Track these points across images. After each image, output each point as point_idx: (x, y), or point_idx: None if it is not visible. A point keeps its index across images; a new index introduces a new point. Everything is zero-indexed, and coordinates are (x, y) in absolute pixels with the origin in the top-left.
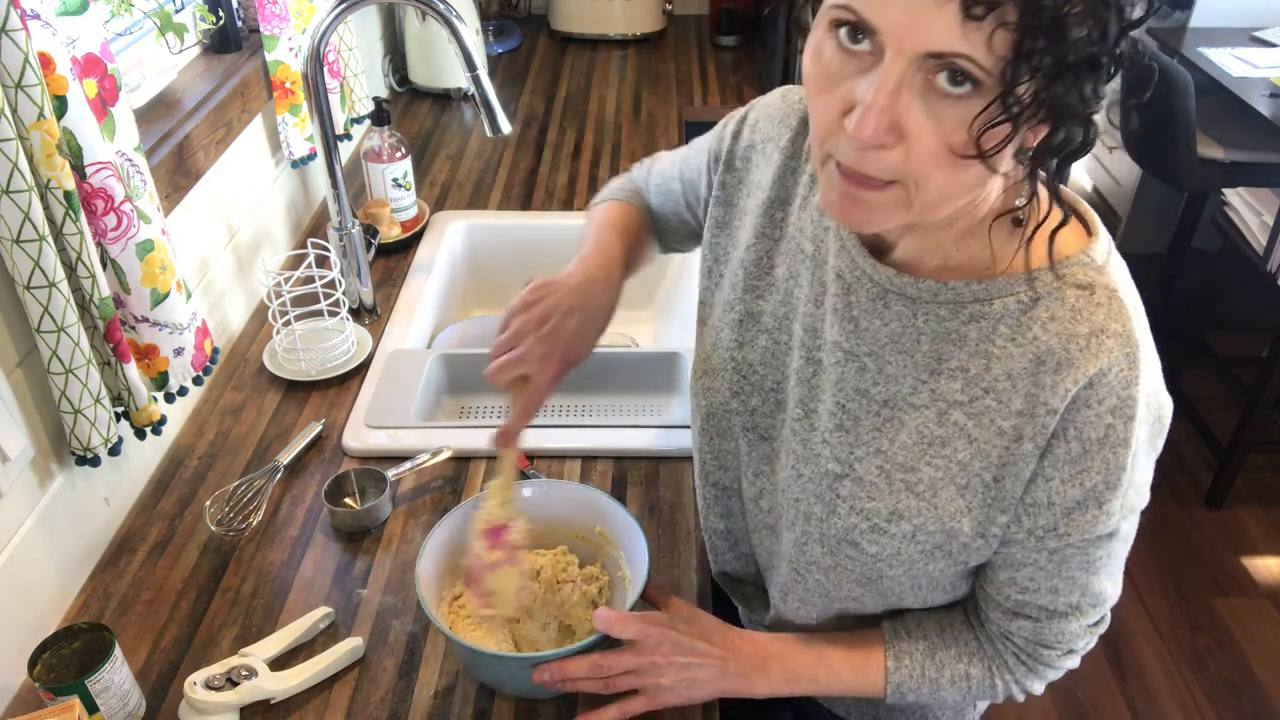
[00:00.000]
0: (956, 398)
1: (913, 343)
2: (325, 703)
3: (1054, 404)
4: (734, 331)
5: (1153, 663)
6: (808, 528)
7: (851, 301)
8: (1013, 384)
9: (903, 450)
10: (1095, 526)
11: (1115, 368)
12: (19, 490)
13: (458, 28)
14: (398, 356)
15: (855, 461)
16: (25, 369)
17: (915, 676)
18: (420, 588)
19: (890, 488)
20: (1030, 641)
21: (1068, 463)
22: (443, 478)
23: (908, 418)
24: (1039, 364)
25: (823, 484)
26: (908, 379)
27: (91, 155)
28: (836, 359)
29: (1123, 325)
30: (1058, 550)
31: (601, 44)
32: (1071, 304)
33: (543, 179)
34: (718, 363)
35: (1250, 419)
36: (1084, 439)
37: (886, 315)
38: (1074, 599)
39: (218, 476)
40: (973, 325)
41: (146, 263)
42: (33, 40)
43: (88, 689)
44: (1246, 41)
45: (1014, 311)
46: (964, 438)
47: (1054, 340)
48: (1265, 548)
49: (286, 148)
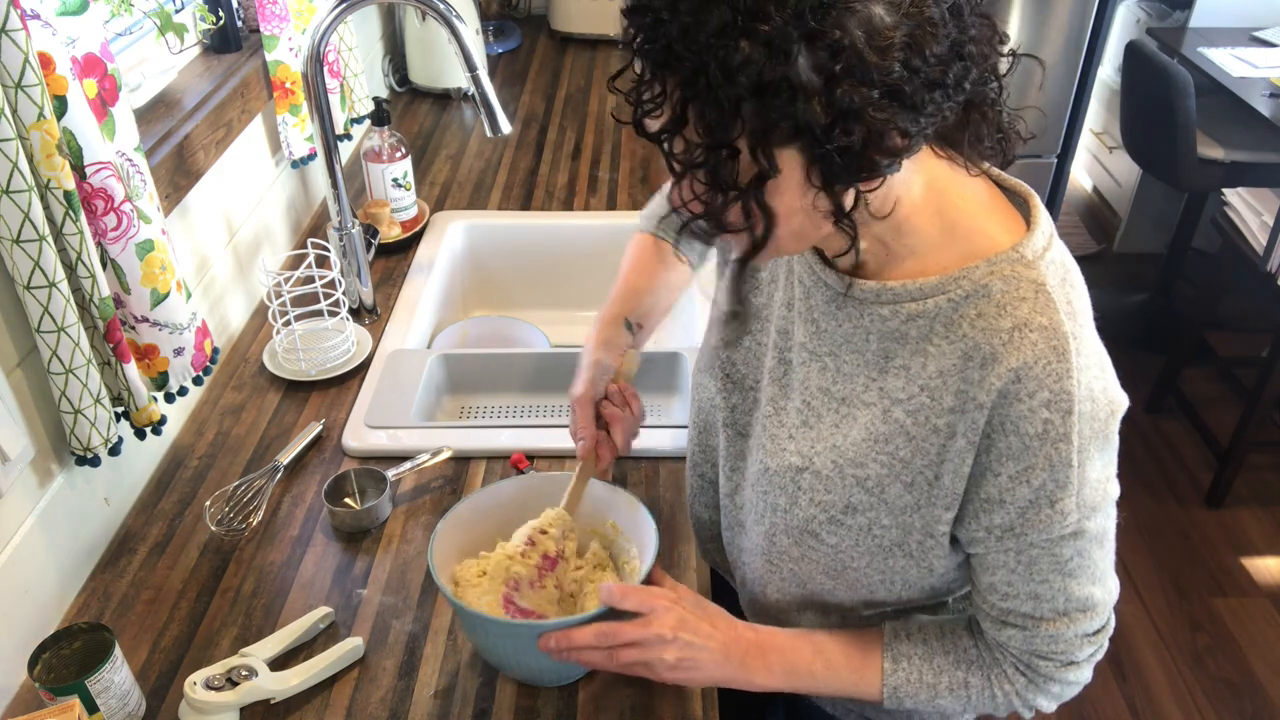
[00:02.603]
0: (898, 395)
1: (863, 342)
2: (325, 703)
3: (981, 398)
4: (723, 329)
5: (1153, 663)
6: (774, 519)
7: (812, 304)
8: (944, 381)
9: (853, 446)
10: (1053, 526)
11: (1041, 360)
12: (19, 490)
13: (458, 28)
14: (398, 356)
15: (815, 455)
16: (25, 369)
17: (913, 681)
18: (433, 558)
19: (843, 482)
20: (1025, 651)
21: (1010, 459)
22: (443, 478)
23: (859, 414)
24: (967, 360)
25: (786, 476)
26: (860, 377)
27: (91, 155)
28: (803, 359)
29: (1049, 319)
30: (1022, 551)
31: (601, 44)
32: (997, 300)
33: (543, 179)
34: (708, 360)
35: (1250, 419)
36: (1021, 434)
37: (840, 317)
38: (1059, 605)
39: (218, 476)
40: (911, 324)
41: (146, 263)
42: (33, 40)
43: (88, 689)
44: (1246, 41)
45: (946, 310)
46: (903, 435)
47: (979, 336)
48: (1265, 548)
49: (286, 148)
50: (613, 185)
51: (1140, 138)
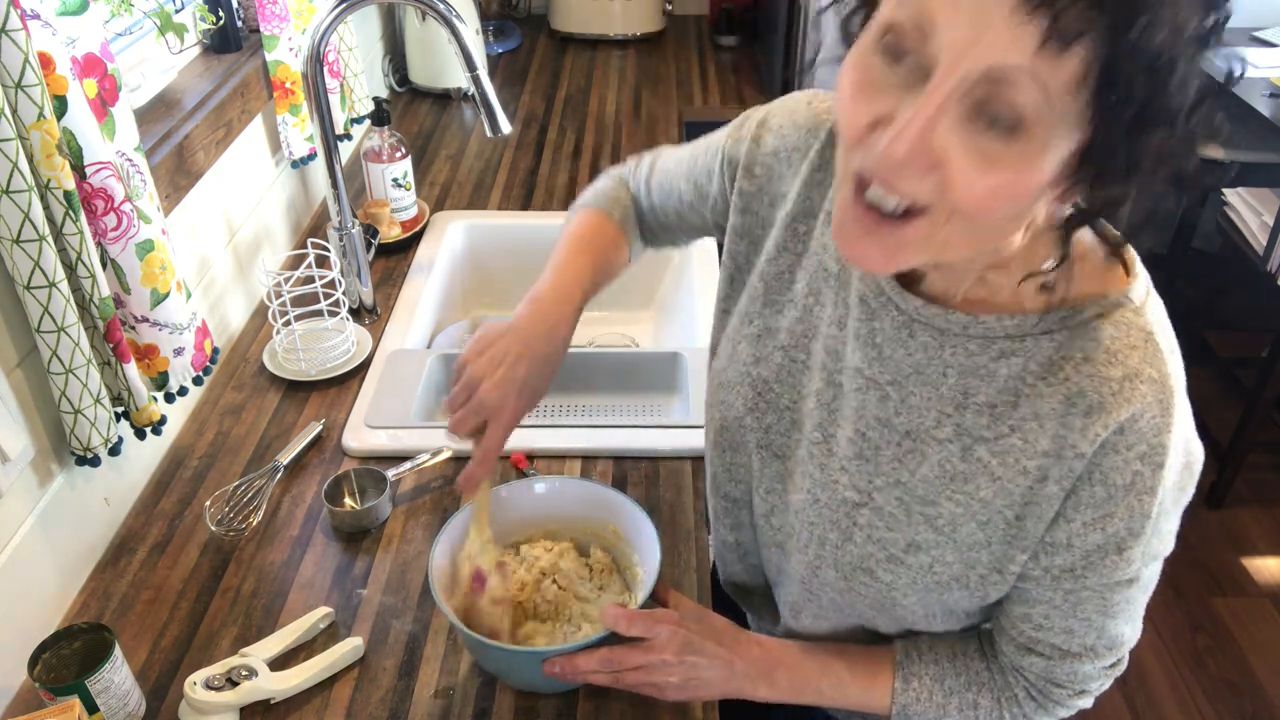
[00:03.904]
0: (982, 434)
1: (938, 375)
2: (325, 703)
3: (1083, 448)
4: (751, 346)
5: (1153, 662)
6: (821, 552)
7: (875, 328)
8: (1040, 424)
9: (923, 483)
10: (1115, 572)
11: (1147, 414)
12: (19, 490)
13: (458, 28)
14: (398, 356)
15: (874, 491)
16: (25, 369)
17: (922, 700)
18: (433, 578)
19: (909, 520)
20: (1041, 679)
21: (1091, 506)
22: (443, 478)
23: (930, 450)
24: (1069, 405)
25: (840, 511)
26: (931, 411)
27: (91, 155)
28: (858, 385)
29: (1157, 370)
30: (1073, 591)
31: (601, 44)
32: (1106, 345)
33: (543, 179)
34: (734, 376)
35: (1250, 419)
36: (1109, 484)
37: (911, 345)
38: (1089, 641)
39: (218, 476)
40: (1003, 362)
41: (146, 263)
42: (33, 40)
43: (88, 689)
44: (1246, 41)
45: (1046, 350)
46: (987, 475)
47: (1086, 383)
48: (1265, 548)
49: (286, 148)
50: None
51: None
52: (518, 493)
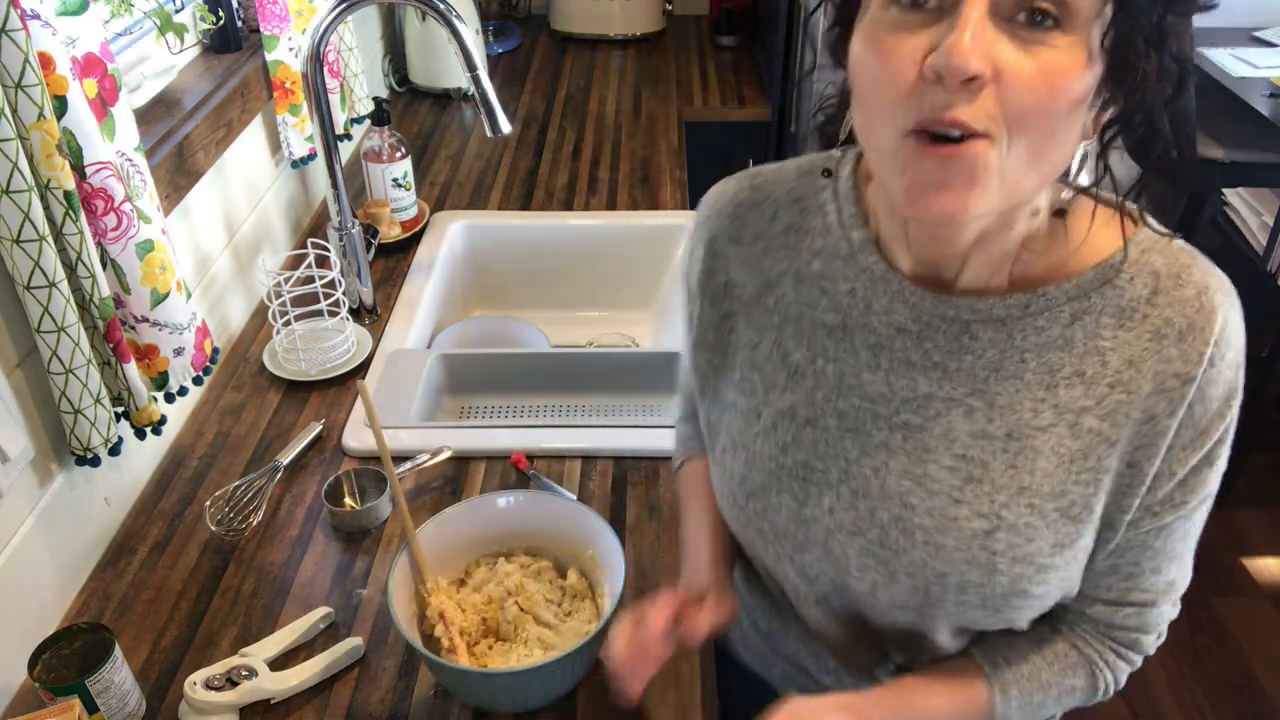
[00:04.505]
0: (1083, 404)
1: (1017, 364)
2: (325, 703)
3: (1190, 371)
4: (770, 438)
5: (1153, 662)
6: (964, 597)
7: (929, 349)
8: (1137, 370)
9: (1046, 479)
10: (1205, 488)
11: (1231, 316)
12: (19, 490)
13: (458, 28)
14: (398, 356)
15: (1001, 509)
16: (25, 369)
17: (1023, 703)
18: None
19: (1046, 521)
20: (1133, 631)
21: (1191, 427)
22: (443, 478)
23: (1039, 441)
24: (1160, 339)
25: (974, 545)
26: (1025, 403)
27: (91, 155)
28: (934, 412)
29: (1217, 276)
30: (1166, 525)
31: (601, 44)
32: (1165, 271)
33: (543, 179)
34: (765, 479)
35: (1250, 419)
36: (1207, 399)
37: (977, 347)
38: (1171, 575)
39: (218, 476)
40: (1077, 326)
41: (146, 263)
42: (33, 40)
43: (88, 689)
44: (1246, 41)
45: (1112, 299)
46: (1104, 442)
47: (1167, 310)
48: (1265, 548)
49: (286, 148)
50: (613, 185)
51: None
52: (498, 505)
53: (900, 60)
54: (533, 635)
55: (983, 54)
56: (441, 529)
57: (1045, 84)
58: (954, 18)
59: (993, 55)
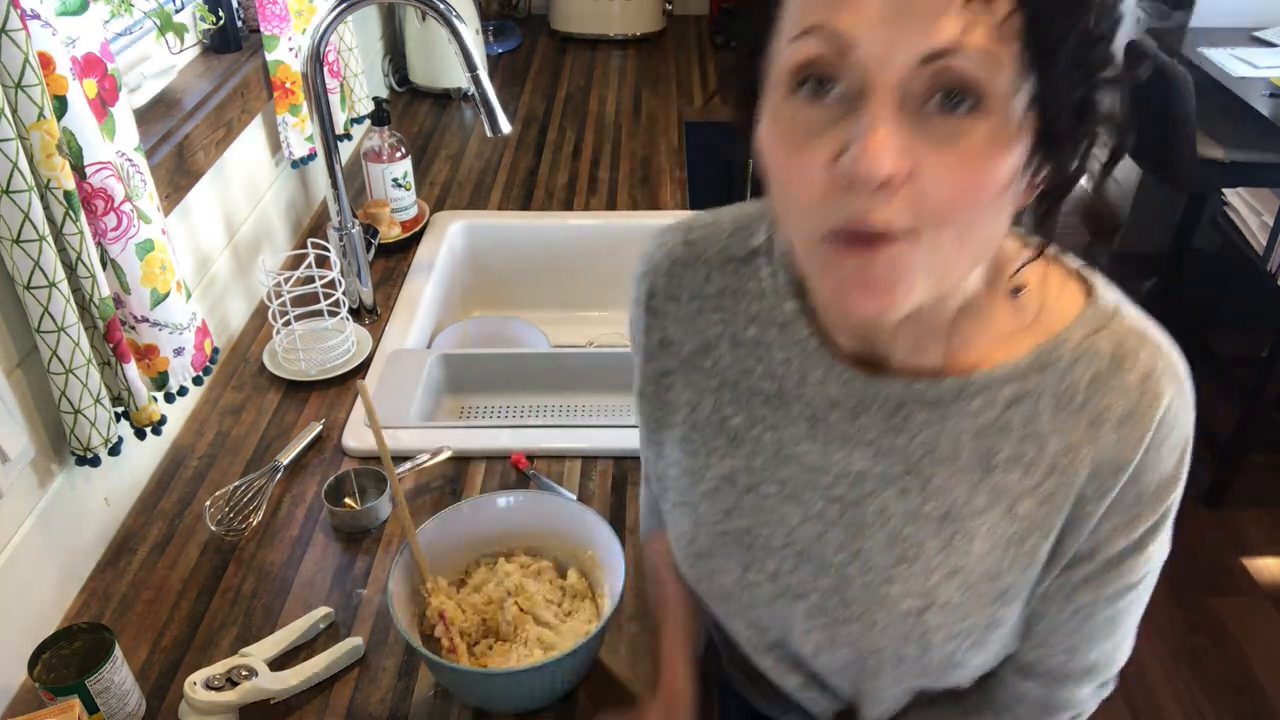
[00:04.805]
0: (1021, 488)
1: (953, 447)
2: (325, 703)
3: (1126, 457)
4: (714, 501)
5: (1153, 662)
6: (900, 669)
7: (863, 425)
8: (1075, 455)
9: (980, 561)
10: (1132, 574)
11: (1174, 404)
12: (19, 490)
13: (458, 28)
14: (398, 356)
15: (933, 589)
16: (25, 369)
17: None
18: (396, 612)
19: (981, 602)
20: (1037, 707)
21: (1121, 511)
22: (443, 478)
23: (974, 525)
24: (1098, 426)
25: (906, 623)
26: (960, 486)
27: (91, 155)
28: (868, 490)
29: (1166, 360)
30: (1085, 605)
31: (601, 44)
32: (1109, 355)
33: (543, 179)
34: (709, 543)
35: (1250, 419)
36: (1142, 484)
37: (911, 428)
38: (1091, 657)
39: (218, 476)
40: (1013, 410)
41: (146, 263)
42: (33, 40)
43: (88, 689)
44: (1246, 41)
45: (1051, 383)
46: (1039, 529)
47: (1108, 397)
48: (1265, 548)
49: (286, 148)
50: (613, 185)
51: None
52: (498, 505)
53: (809, 165)
54: (533, 635)
55: (896, 154)
56: (441, 529)
57: (967, 176)
58: (861, 112)
59: (907, 153)
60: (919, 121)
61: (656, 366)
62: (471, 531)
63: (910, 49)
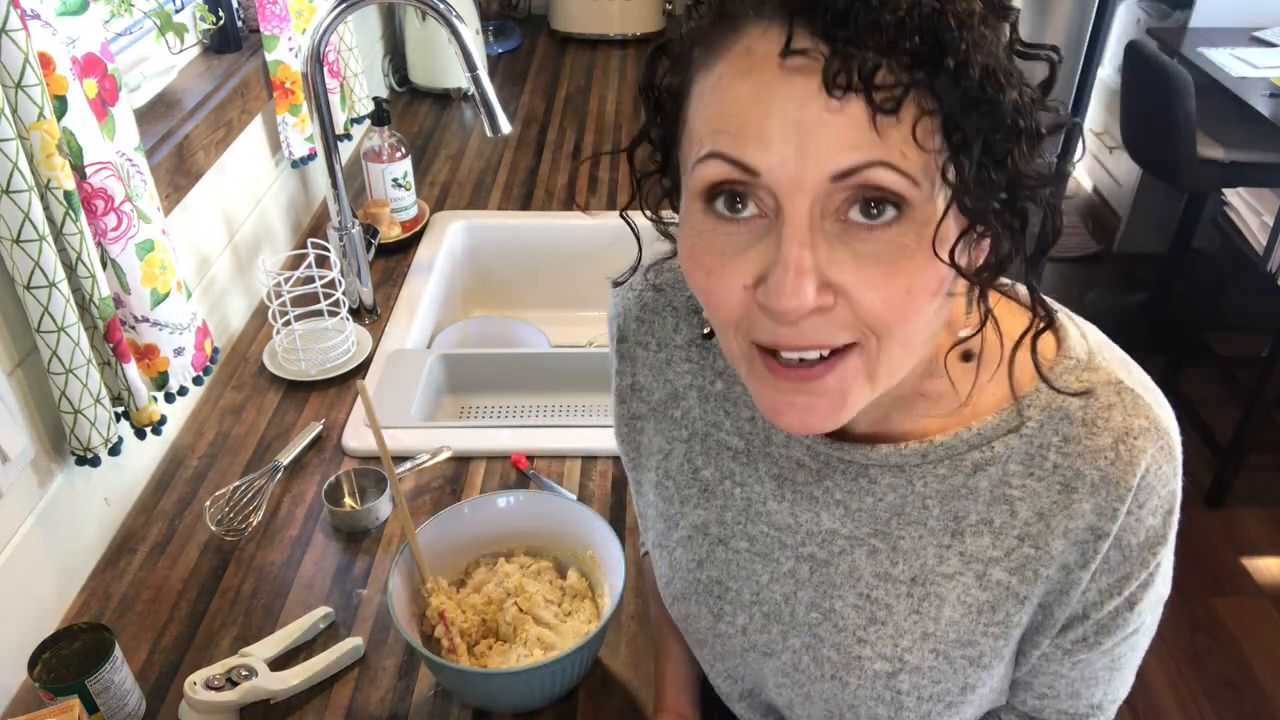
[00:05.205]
0: (991, 554)
1: (920, 510)
2: (325, 703)
3: (1104, 526)
4: (688, 549)
5: (1152, 662)
6: None
7: (830, 486)
8: (1047, 524)
9: (952, 626)
10: (1125, 628)
11: (1154, 467)
12: (19, 490)
13: (458, 28)
14: (398, 356)
15: (904, 652)
16: (25, 369)
17: None
18: (396, 612)
19: (954, 667)
20: None
21: (1107, 574)
22: (443, 478)
23: (944, 589)
24: (1069, 492)
25: (877, 685)
26: (929, 549)
27: (91, 155)
28: (838, 549)
29: (1145, 417)
30: (1083, 661)
31: (601, 44)
32: (1080, 417)
33: (543, 179)
34: (684, 588)
35: (1250, 419)
36: (1125, 547)
37: (877, 490)
38: (1095, 698)
39: (218, 476)
40: (981, 475)
41: (146, 263)
42: (33, 40)
43: (88, 689)
44: (1246, 41)
45: (1019, 447)
46: (1012, 598)
47: (1078, 462)
48: (1265, 548)
49: (286, 148)
50: (613, 185)
51: (1140, 138)
52: (498, 505)
53: (730, 288)
54: (533, 635)
55: (819, 281)
56: (441, 529)
57: (899, 287)
58: (778, 234)
59: (830, 277)
60: (841, 234)
61: (629, 409)
62: (471, 531)
63: (820, 171)
